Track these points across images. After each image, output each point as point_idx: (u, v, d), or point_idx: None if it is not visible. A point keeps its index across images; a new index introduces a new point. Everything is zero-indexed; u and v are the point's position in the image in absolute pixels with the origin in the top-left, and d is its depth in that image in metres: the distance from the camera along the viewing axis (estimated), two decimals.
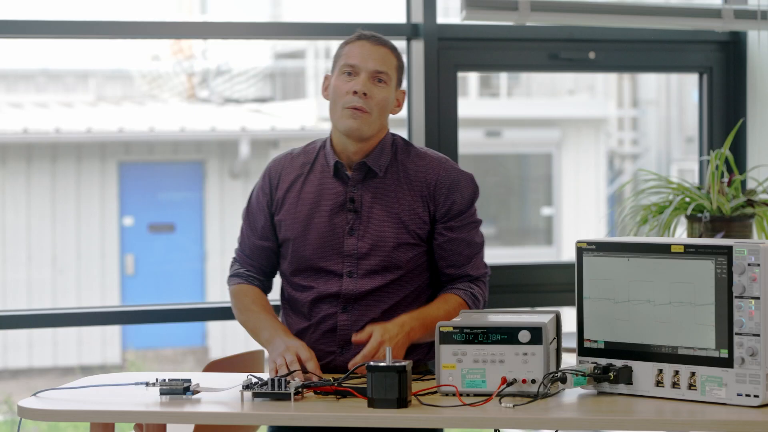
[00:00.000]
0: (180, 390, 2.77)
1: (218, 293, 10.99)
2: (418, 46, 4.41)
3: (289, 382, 2.72)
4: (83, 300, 11.07)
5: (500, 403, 2.65)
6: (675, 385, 2.69)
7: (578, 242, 2.83)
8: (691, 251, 2.68)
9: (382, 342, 2.93)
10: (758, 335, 2.60)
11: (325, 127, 2.97)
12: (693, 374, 2.67)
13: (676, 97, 12.60)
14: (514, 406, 2.62)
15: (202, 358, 11.34)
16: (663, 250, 2.71)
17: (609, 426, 2.58)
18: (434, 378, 2.88)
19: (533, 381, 2.71)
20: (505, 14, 4.27)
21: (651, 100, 12.88)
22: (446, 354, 2.75)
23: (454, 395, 2.73)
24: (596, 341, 2.79)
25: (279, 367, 2.92)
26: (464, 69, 4.56)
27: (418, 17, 4.40)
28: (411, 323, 3.01)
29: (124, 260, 11.47)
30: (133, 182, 11.54)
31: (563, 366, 2.82)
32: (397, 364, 2.63)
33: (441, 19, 4.41)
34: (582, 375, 2.71)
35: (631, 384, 2.74)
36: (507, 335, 2.73)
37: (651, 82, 12.74)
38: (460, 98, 4.50)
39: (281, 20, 11.69)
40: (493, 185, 12.22)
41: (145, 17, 9.48)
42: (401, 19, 4.46)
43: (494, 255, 10.56)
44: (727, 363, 2.63)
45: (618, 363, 2.75)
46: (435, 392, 2.75)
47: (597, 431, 2.92)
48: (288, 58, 12.47)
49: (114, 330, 11.10)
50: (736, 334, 2.62)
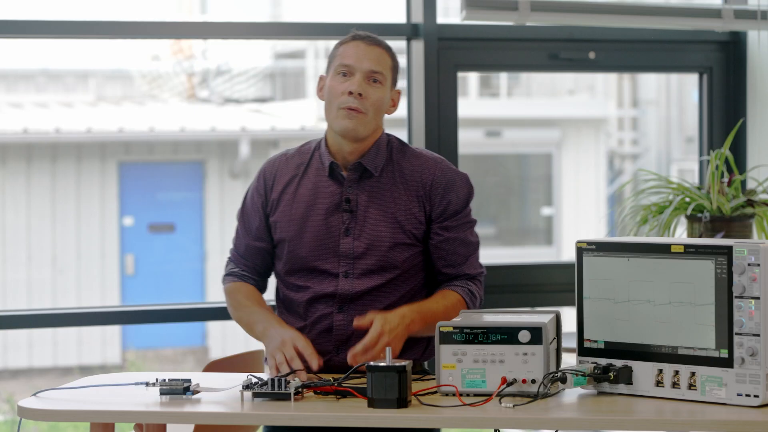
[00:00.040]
0: (180, 390, 2.77)
1: (218, 293, 10.95)
2: (418, 46, 4.41)
3: (289, 382, 2.72)
4: (83, 300, 11.06)
5: (500, 403, 2.65)
6: (675, 385, 2.69)
7: (578, 242, 2.83)
8: (691, 251, 2.68)
9: (382, 333, 2.93)
10: (758, 335, 2.60)
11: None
12: (693, 374, 2.67)
13: (676, 97, 12.60)
14: (514, 406, 2.62)
15: (202, 358, 11.34)
16: (663, 250, 2.71)
17: (609, 426, 2.58)
18: (432, 378, 2.89)
19: (533, 381, 2.71)
20: (505, 14, 4.28)
21: (651, 100, 12.88)
22: (446, 354, 2.75)
23: (454, 395, 2.73)
24: (596, 341, 2.79)
25: (279, 365, 2.92)
26: (464, 69, 4.56)
27: (418, 17, 4.40)
28: (411, 315, 3.01)
29: (124, 260, 11.46)
30: (133, 182, 11.54)
31: (563, 366, 2.82)
32: (397, 365, 2.64)
33: (441, 19, 4.41)
34: (582, 375, 2.71)
35: (631, 384, 2.74)
36: (507, 335, 2.73)
37: (651, 82, 12.74)
38: (460, 98, 4.50)
39: (281, 20, 11.69)
40: (493, 185, 12.22)
41: (145, 17, 9.48)
42: (401, 19, 4.46)
43: (494, 255, 10.57)
44: (727, 363, 2.63)
45: (618, 363, 2.75)
46: (435, 392, 2.75)
47: (597, 431, 2.92)
48: (288, 58, 12.47)
49: (114, 330, 11.10)
50: (736, 334, 2.62)
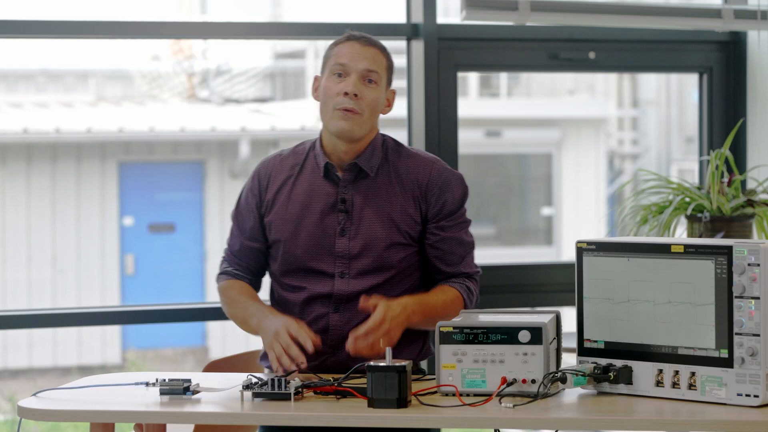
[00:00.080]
0: (180, 390, 2.77)
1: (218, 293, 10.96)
2: (418, 46, 4.41)
3: (289, 382, 2.72)
4: (83, 300, 11.06)
5: (500, 403, 2.65)
6: (675, 385, 2.69)
7: (578, 242, 2.83)
8: (691, 251, 2.68)
9: (384, 319, 2.92)
10: (758, 335, 2.60)
11: None
12: (693, 374, 2.67)
13: (676, 97, 12.59)
14: (514, 406, 2.62)
15: (202, 358, 11.34)
16: (663, 250, 2.71)
17: (609, 426, 2.58)
18: (431, 378, 2.88)
19: (533, 381, 2.71)
20: (505, 14, 4.28)
21: (651, 100, 12.87)
22: (446, 354, 2.75)
23: (454, 395, 2.73)
24: (596, 341, 2.79)
25: (279, 357, 2.91)
26: (464, 69, 4.56)
27: (418, 17, 4.40)
28: (413, 306, 3.02)
29: (124, 260, 11.46)
30: (133, 182, 11.53)
31: (563, 366, 2.82)
32: (397, 365, 2.64)
33: (441, 19, 4.41)
34: (582, 375, 2.71)
35: (631, 384, 2.74)
36: (507, 335, 2.73)
37: (651, 82, 12.73)
38: (460, 98, 4.50)
39: (281, 20, 11.68)
40: (493, 185, 12.21)
41: (145, 17, 9.48)
42: (401, 19, 4.46)
43: (494, 255, 10.57)
44: (727, 363, 2.63)
45: (618, 363, 2.75)
46: (435, 392, 2.75)
47: (597, 431, 2.92)
48: (288, 58, 12.46)
49: (114, 330, 11.09)
50: (736, 334, 2.62)
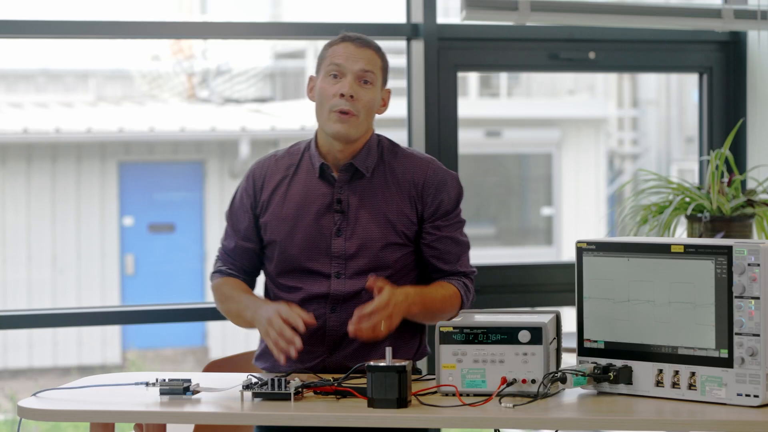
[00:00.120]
0: (180, 390, 2.77)
1: None
2: (418, 46, 4.41)
3: (289, 382, 2.72)
4: (83, 300, 11.06)
5: (500, 403, 2.65)
6: (675, 385, 2.69)
7: (578, 242, 2.83)
8: (691, 251, 2.68)
9: (389, 303, 2.92)
10: (758, 335, 2.60)
11: None
12: (693, 374, 2.67)
13: (676, 97, 12.59)
14: (514, 406, 2.62)
15: (202, 358, 11.34)
16: (663, 250, 2.71)
17: (609, 426, 2.58)
18: (429, 378, 2.88)
19: (533, 381, 2.71)
20: (505, 14, 4.28)
21: (651, 100, 12.86)
22: (446, 354, 2.75)
23: (454, 395, 2.73)
24: (596, 341, 2.79)
25: (275, 343, 2.91)
26: (464, 69, 4.56)
27: (418, 17, 4.40)
28: (413, 297, 3.02)
29: (124, 260, 11.46)
30: (133, 182, 11.53)
31: (563, 366, 2.82)
32: (397, 365, 2.64)
33: (441, 19, 4.41)
34: (582, 375, 2.71)
35: (631, 384, 2.74)
36: (507, 335, 2.73)
37: (651, 82, 12.73)
38: (460, 98, 4.50)
39: (281, 20, 11.68)
40: (493, 185, 12.21)
41: (145, 17, 9.48)
42: (401, 19, 4.46)
43: (494, 255, 10.56)
44: (727, 363, 2.63)
45: (618, 363, 2.75)
46: (435, 392, 2.75)
47: (597, 431, 2.92)
48: (288, 58, 12.46)
49: (114, 330, 11.09)
50: (736, 334, 2.62)
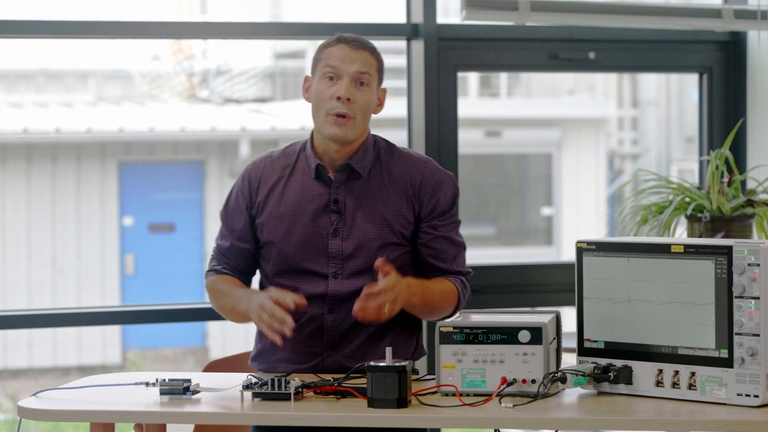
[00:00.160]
0: (180, 390, 2.77)
1: None
2: (418, 46, 4.41)
3: (289, 382, 2.72)
4: (83, 300, 11.05)
5: (500, 403, 2.65)
6: (675, 385, 2.69)
7: (578, 242, 2.83)
8: (691, 251, 2.68)
9: (394, 287, 2.92)
10: (758, 335, 2.60)
11: None
12: (693, 374, 2.67)
13: (676, 97, 12.58)
14: (514, 406, 2.62)
15: (202, 358, 11.33)
16: (663, 250, 2.71)
17: (609, 426, 2.58)
18: (428, 378, 2.89)
19: (533, 381, 2.71)
20: (505, 14, 4.28)
21: (651, 100, 12.86)
22: (446, 354, 2.75)
23: (454, 395, 2.73)
24: (596, 341, 2.79)
25: (268, 326, 2.91)
26: (464, 69, 4.56)
27: (418, 17, 4.40)
28: (415, 288, 3.02)
29: (124, 260, 11.45)
30: (133, 182, 11.52)
31: (563, 366, 2.82)
32: (397, 365, 2.64)
33: (441, 19, 4.41)
34: (582, 375, 2.71)
35: (631, 384, 2.74)
36: (507, 335, 2.73)
37: (651, 82, 12.72)
38: (460, 98, 4.50)
39: (281, 20, 11.68)
40: (493, 185, 12.21)
41: (145, 17, 9.48)
42: (401, 19, 4.46)
43: (494, 255, 10.55)
44: (727, 363, 2.63)
45: (618, 363, 2.75)
46: (435, 392, 2.76)
47: (597, 431, 2.92)
48: (288, 58, 12.46)
49: (114, 330, 11.09)
50: (736, 334, 2.62)
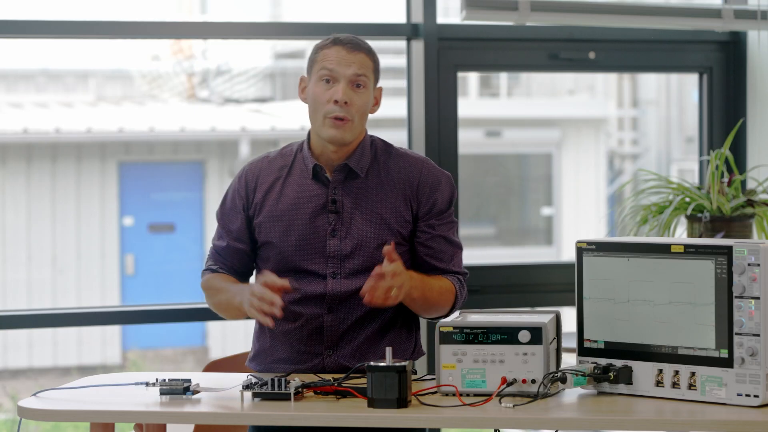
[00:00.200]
0: (180, 390, 2.77)
1: None
2: (418, 46, 4.41)
3: (289, 382, 2.72)
4: (83, 300, 11.05)
5: (500, 403, 2.65)
6: (675, 385, 2.69)
7: (578, 242, 2.83)
8: (691, 251, 2.68)
9: (400, 274, 2.90)
10: (758, 335, 2.60)
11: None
12: (693, 374, 2.67)
13: (676, 97, 12.58)
14: (514, 406, 2.62)
15: (202, 358, 11.33)
16: (663, 250, 2.71)
17: (609, 426, 2.58)
18: (427, 378, 2.89)
19: (533, 381, 2.71)
20: (505, 14, 4.28)
21: (651, 100, 12.86)
22: (446, 354, 2.75)
23: (454, 395, 2.73)
24: (596, 341, 2.79)
25: (259, 307, 2.90)
26: (464, 69, 4.56)
27: (418, 17, 4.40)
28: (416, 281, 3.01)
29: (124, 260, 11.45)
30: (133, 182, 11.52)
31: (563, 366, 2.82)
32: (397, 365, 2.64)
33: (441, 19, 4.42)
34: (582, 375, 2.71)
35: (631, 384, 2.74)
36: (507, 335, 2.73)
37: (651, 82, 12.72)
38: (460, 98, 4.50)
39: (281, 20, 11.68)
40: (493, 185, 12.21)
41: (145, 17, 9.48)
42: (401, 19, 4.46)
43: (494, 255, 10.55)
44: (727, 363, 2.63)
45: (618, 363, 2.75)
46: (435, 392, 2.76)
47: (597, 431, 2.92)
48: (288, 58, 12.46)
49: (114, 330, 11.09)
50: (736, 334, 2.62)
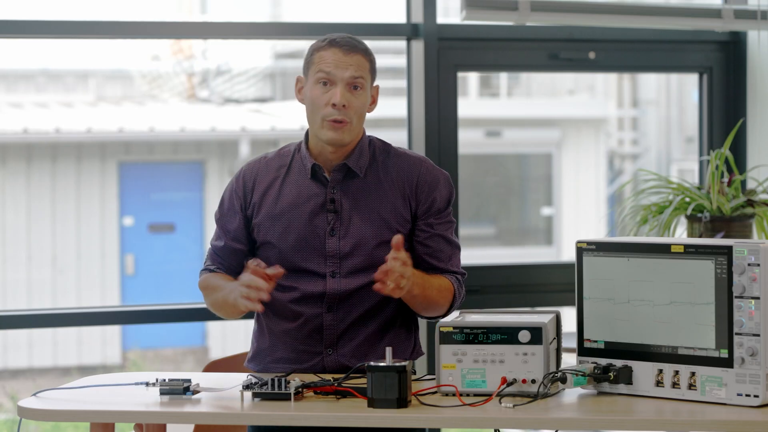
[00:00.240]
0: (180, 390, 2.77)
1: None
2: (418, 46, 4.41)
3: (289, 382, 2.72)
4: (83, 300, 11.05)
5: (500, 403, 2.65)
6: (675, 385, 2.69)
7: (578, 242, 2.83)
8: (691, 251, 2.68)
9: (407, 264, 2.90)
10: (758, 335, 2.60)
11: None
12: (693, 374, 2.67)
13: (676, 97, 12.58)
14: (514, 406, 2.62)
15: (202, 358, 11.33)
16: (663, 250, 2.71)
17: (609, 426, 2.58)
18: (427, 378, 2.89)
19: (533, 381, 2.71)
20: (505, 14, 4.28)
21: (651, 100, 12.86)
22: (446, 354, 2.75)
23: (454, 395, 2.73)
24: (596, 341, 2.79)
25: (248, 295, 2.89)
26: (464, 69, 4.56)
27: (418, 17, 4.40)
28: (417, 278, 3.00)
29: (124, 260, 11.45)
30: (133, 182, 11.52)
31: (563, 366, 2.82)
32: (397, 365, 2.64)
33: (441, 19, 4.42)
34: (582, 375, 2.71)
35: (631, 384, 2.74)
36: (507, 335, 2.73)
37: (651, 82, 12.72)
38: (460, 98, 4.50)
39: (281, 20, 11.68)
40: (493, 185, 12.21)
41: (145, 17, 9.47)
42: (401, 19, 4.46)
43: (494, 255, 10.55)
44: (727, 363, 2.63)
45: (618, 363, 2.75)
46: (435, 392, 2.76)
47: (597, 431, 2.92)
48: (288, 58, 12.45)
49: (114, 330, 11.08)
50: (736, 334, 2.62)
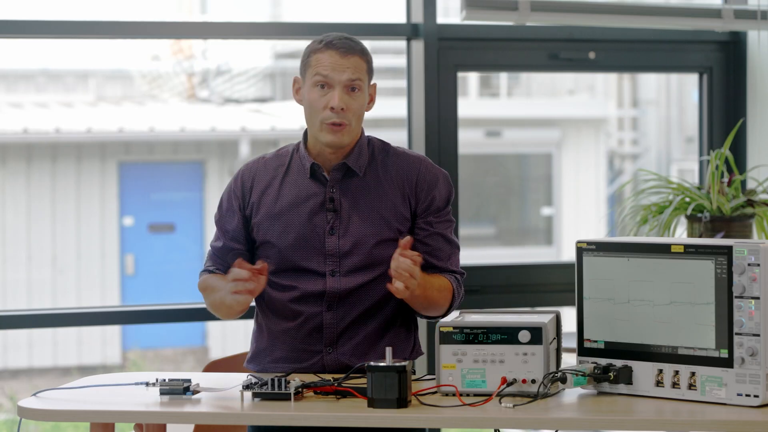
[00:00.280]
0: (180, 390, 2.77)
1: None
2: (418, 46, 4.41)
3: (289, 382, 2.72)
4: (83, 300, 11.05)
5: (500, 403, 2.65)
6: (675, 385, 2.69)
7: (578, 242, 2.83)
8: (691, 251, 2.68)
9: (418, 262, 2.89)
10: (758, 335, 2.60)
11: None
12: (693, 374, 2.67)
13: (676, 97, 12.58)
14: (514, 406, 2.63)
15: (202, 358, 11.33)
16: (663, 250, 2.71)
17: (609, 426, 2.58)
18: (427, 378, 2.89)
19: (533, 381, 2.71)
20: (505, 14, 4.28)
21: (651, 100, 12.86)
22: (446, 354, 2.75)
23: (454, 395, 2.73)
24: (596, 341, 2.79)
25: (236, 289, 2.90)
26: (464, 69, 4.56)
27: (418, 17, 4.40)
28: (420, 278, 2.97)
29: (124, 260, 11.45)
30: (133, 182, 11.52)
31: (563, 366, 2.82)
32: (397, 365, 2.64)
33: (441, 19, 4.42)
34: (582, 375, 2.71)
35: (631, 384, 2.74)
36: (507, 335, 2.73)
37: (651, 82, 12.72)
38: (460, 98, 4.50)
39: (281, 20, 11.68)
40: (493, 185, 12.21)
41: (145, 17, 9.47)
42: (401, 19, 4.46)
43: (494, 255, 10.56)
44: (727, 363, 2.63)
45: (618, 363, 2.75)
46: (435, 392, 2.76)
47: (597, 431, 2.92)
48: (288, 58, 12.45)
49: (114, 330, 11.09)
50: (736, 334, 2.62)
